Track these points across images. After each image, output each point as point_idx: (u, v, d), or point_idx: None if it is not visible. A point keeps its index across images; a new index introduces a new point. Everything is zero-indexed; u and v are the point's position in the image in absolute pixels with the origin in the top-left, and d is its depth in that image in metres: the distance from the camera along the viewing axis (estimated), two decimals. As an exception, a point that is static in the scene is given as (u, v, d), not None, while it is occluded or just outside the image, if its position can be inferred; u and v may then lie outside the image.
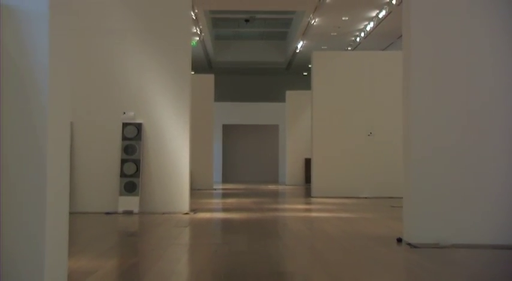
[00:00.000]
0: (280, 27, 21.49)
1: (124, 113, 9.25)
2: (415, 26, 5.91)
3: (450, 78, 5.84)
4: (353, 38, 19.40)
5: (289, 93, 21.01)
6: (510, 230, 5.66)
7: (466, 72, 5.84)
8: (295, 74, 24.51)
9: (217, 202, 12.52)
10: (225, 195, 14.91)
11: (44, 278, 2.48)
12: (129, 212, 8.93)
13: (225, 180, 23.94)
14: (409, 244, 5.68)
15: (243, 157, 25.09)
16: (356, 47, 19.83)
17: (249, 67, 24.30)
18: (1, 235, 2.48)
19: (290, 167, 20.87)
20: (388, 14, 15.85)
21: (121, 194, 9.02)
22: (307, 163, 19.05)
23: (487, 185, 5.74)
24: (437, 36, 5.88)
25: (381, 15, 16.45)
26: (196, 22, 16.87)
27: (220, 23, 21.01)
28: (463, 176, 5.75)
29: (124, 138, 9.14)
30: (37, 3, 2.54)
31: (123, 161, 9.08)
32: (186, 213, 9.04)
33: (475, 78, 5.84)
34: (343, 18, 17.04)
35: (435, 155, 5.78)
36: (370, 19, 17.12)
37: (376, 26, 17.32)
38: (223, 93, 22.26)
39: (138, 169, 9.06)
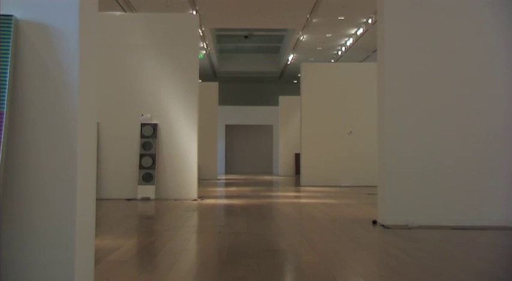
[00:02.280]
0: (274, 42, 21.46)
1: (142, 115, 9.25)
2: (388, 42, 5.91)
3: (417, 84, 5.84)
4: (335, 52, 19.40)
5: (282, 98, 21.01)
6: (465, 214, 5.67)
7: (429, 79, 5.85)
8: (287, 82, 24.51)
9: (220, 190, 12.53)
10: (228, 184, 14.90)
11: (75, 254, 2.49)
12: (146, 199, 8.93)
13: (227, 171, 23.93)
14: (382, 226, 5.69)
15: (242, 152, 25.10)
16: (338, 59, 19.82)
17: (248, 76, 24.29)
18: (39, 217, 2.49)
19: (282, 161, 20.88)
20: (365, 31, 15.86)
21: (140, 183, 9.02)
22: (297, 157, 19.07)
23: (448, 176, 5.74)
24: (406, 51, 5.88)
25: (358, 33, 16.45)
26: (203, 38, 16.86)
27: (223, 39, 20.99)
28: (427, 168, 5.75)
29: (142, 136, 9.15)
30: (69, 22, 2.54)
31: (142, 156, 9.09)
32: (195, 199, 9.03)
33: (438, 83, 5.84)
34: (327, 35, 17.05)
35: (404, 151, 5.79)
36: (350, 36, 17.13)
37: (354, 42, 17.32)
38: (226, 98, 22.25)
39: (154, 162, 9.06)
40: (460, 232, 5.31)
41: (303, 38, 17.24)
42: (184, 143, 9.22)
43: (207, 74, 22.53)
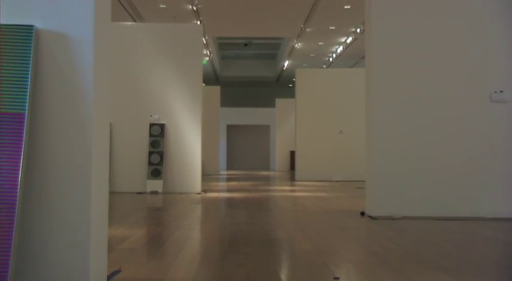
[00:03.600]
0: (271, 49, 21.46)
1: (151, 116, 9.24)
2: (374, 49, 5.92)
3: (401, 88, 5.85)
4: (327, 58, 19.40)
5: (278, 101, 21.02)
6: (446, 206, 5.69)
7: (412, 83, 5.86)
8: (283, 85, 24.51)
9: (222, 184, 12.54)
10: (229, 179, 14.91)
11: (90, 242, 2.49)
12: (154, 192, 8.94)
13: (228, 167, 23.93)
14: (370, 216, 5.70)
15: (242, 149, 25.10)
16: (329, 65, 19.83)
17: (247, 80, 24.29)
18: (58, 209, 2.49)
19: (279, 157, 20.90)
20: (354, 40, 15.88)
21: (149, 178, 9.02)
22: (292, 154, 19.08)
23: (429, 172, 5.75)
24: (391, 57, 5.89)
25: (348, 41, 16.47)
26: (206, 46, 16.85)
27: (225, 47, 20.98)
28: (411, 165, 5.76)
29: (151, 135, 9.15)
30: (84, 31, 2.54)
31: (150, 153, 9.08)
32: (199, 193, 9.04)
33: (421, 86, 5.85)
34: (319, 43, 17.06)
35: (390, 149, 5.80)
36: (340, 44, 17.14)
37: (344, 49, 17.34)
38: (227, 101, 22.24)
39: (161, 159, 9.06)
40: (441, 223, 5.32)
41: (298, 45, 17.25)
42: (189, 142, 9.22)
43: (210, 79, 22.53)
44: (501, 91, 5.78)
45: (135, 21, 13.71)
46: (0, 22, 2.46)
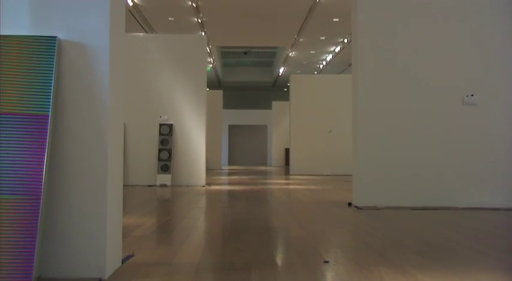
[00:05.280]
0: (268, 57, 21.46)
1: (160, 117, 9.25)
2: (360, 57, 5.93)
3: (384, 91, 5.87)
4: (318, 65, 19.41)
5: (275, 103, 21.03)
6: (423, 197, 5.71)
7: (394, 87, 5.87)
8: (279, 90, 24.51)
9: (224, 178, 12.55)
10: (230, 173, 14.92)
11: (106, 230, 2.50)
12: (164, 185, 8.94)
13: (230, 163, 23.95)
14: (356, 207, 5.72)
15: (242, 147, 25.11)
16: (320, 71, 19.83)
17: (247, 85, 24.28)
18: (78, 202, 2.50)
19: (275, 154, 20.91)
20: (342, 49, 15.89)
21: (158, 172, 9.03)
22: (287, 151, 19.10)
23: (409, 166, 5.78)
24: (375, 64, 5.91)
25: (336, 50, 16.48)
26: (210, 54, 16.86)
27: (227, 55, 20.96)
28: (392, 160, 5.78)
29: (160, 134, 9.15)
30: (101, 41, 2.55)
31: (160, 150, 9.09)
32: (203, 186, 9.05)
33: (402, 90, 5.87)
34: (311, 51, 17.06)
35: (374, 146, 5.82)
36: (330, 52, 17.15)
37: (333, 57, 17.35)
38: (228, 103, 22.25)
39: (170, 155, 9.06)
40: (418, 212, 5.34)
41: (292, 54, 17.26)
42: (195, 140, 9.23)
43: (213, 84, 22.52)
44: (472, 95, 5.81)
45: (147, 32, 13.69)
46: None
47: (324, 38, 15.00)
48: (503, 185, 5.75)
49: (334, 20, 12.75)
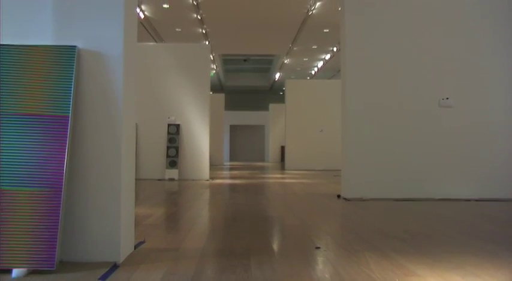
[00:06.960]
0: (265, 64, 21.42)
1: (168, 117, 9.25)
2: (348, 64, 5.94)
3: (370, 94, 5.88)
4: (310, 71, 19.40)
5: (271, 105, 21.01)
6: (404, 189, 5.73)
7: (379, 91, 5.88)
8: (275, 93, 24.48)
9: (226, 173, 12.55)
10: (231, 169, 14.92)
11: (120, 219, 2.51)
12: (172, 179, 8.95)
13: (231, 159, 23.93)
14: (344, 198, 5.73)
15: (242, 144, 25.10)
16: (313, 77, 19.82)
17: (246, 89, 24.25)
18: (94, 194, 2.51)
19: (271, 151, 20.91)
20: (332, 56, 15.88)
21: (167, 167, 9.04)
22: (282, 148, 19.09)
23: (391, 162, 5.79)
24: (361, 71, 5.91)
25: (327, 58, 16.46)
26: (213, 61, 16.84)
27: (228, 62, 20.93)
28: (377, 156, 5.80)
29: (168, 133, 9.16)
30: (116, 50, 2.55)
31: (168, 148, 9.10)
32: (207, 180, 9.06)
33: (385, 92, 5.88)
34: (304, 59, 17.05)
35: (360, 144, 5.83)
36: (321, 59, 17.13)
37: (324, 64, 17.33)
38: (230, 105, 22.22)
39: (177, 152, 9.07)
40: (400, 203, 5.36)
41: (287, 61, 17.25)
42: (200, 138, 9.24)
43: (216, 87, 22.49)
44: (447, 98, 5.83)
45: (156, 42, 13.68)
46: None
47: (315, 46, 14.99)
48: (473, 178, 5.78)
49: (325, 30, 12.75)
